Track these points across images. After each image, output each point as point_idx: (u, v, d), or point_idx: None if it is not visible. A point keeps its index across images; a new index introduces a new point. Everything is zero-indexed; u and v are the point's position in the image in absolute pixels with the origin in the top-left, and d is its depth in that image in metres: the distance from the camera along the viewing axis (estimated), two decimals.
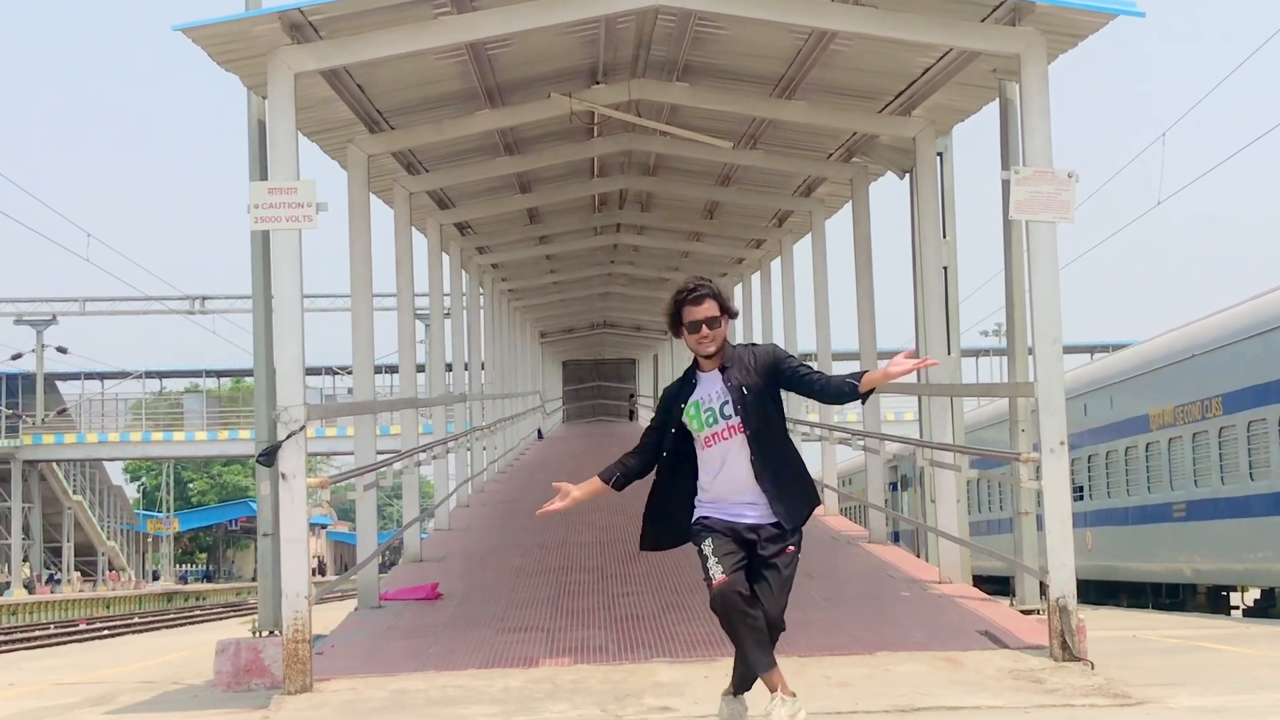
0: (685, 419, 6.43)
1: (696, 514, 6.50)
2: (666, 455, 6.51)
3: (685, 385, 6.51)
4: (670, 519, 6.58)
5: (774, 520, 6.38)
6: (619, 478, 6.58)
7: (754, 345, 6.63)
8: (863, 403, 6.73)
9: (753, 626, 6.30)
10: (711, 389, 6.43)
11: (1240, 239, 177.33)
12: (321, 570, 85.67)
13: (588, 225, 20.64)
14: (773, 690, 6.33)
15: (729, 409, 6.38)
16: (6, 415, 61.03)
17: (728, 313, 6.43)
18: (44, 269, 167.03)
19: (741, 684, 6.53)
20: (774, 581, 6.37)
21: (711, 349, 6.40)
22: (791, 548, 6.42)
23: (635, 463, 6.61)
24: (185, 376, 72.59)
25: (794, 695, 6.33)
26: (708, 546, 6.40)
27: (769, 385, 6.43)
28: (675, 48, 12.03)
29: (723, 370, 6.44)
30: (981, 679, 7.94)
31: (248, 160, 11.16)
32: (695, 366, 6.53)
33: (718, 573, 6.31)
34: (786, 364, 6.48)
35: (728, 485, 6.41)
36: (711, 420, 6.40)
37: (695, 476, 6.50)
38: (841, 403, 6.74)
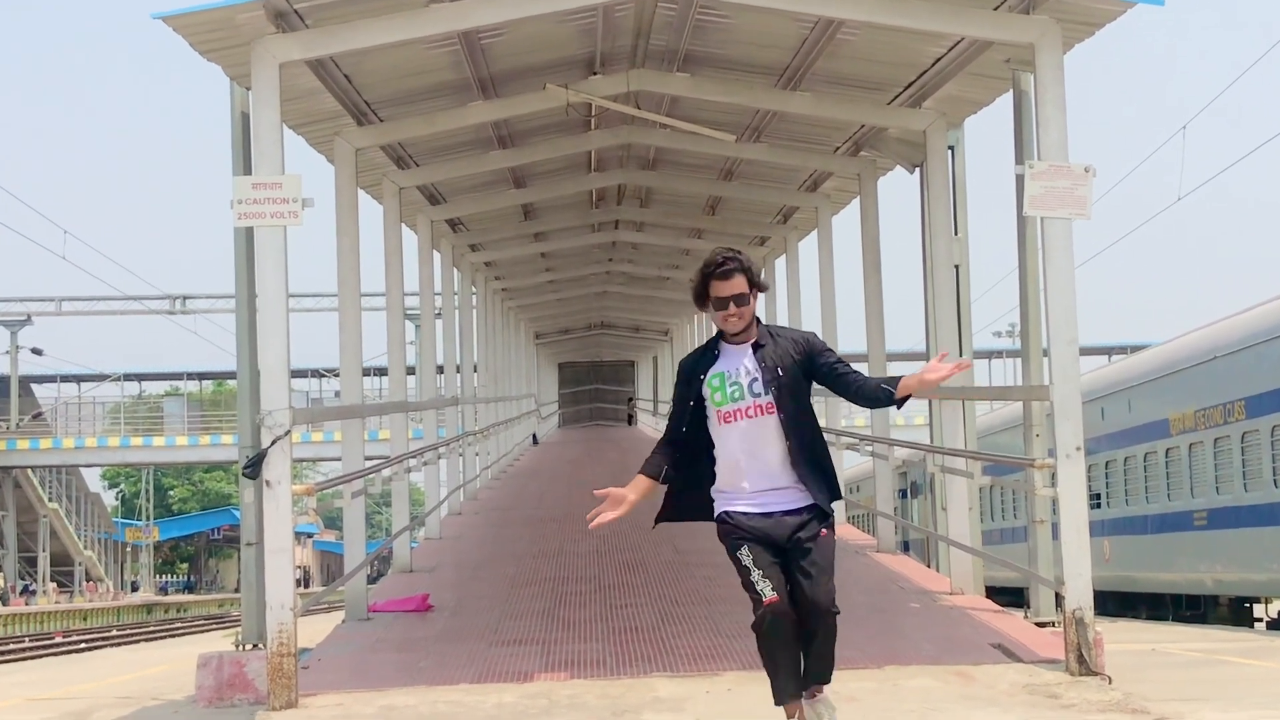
0: (706, 390, 6.31)
1: (721, 508, 6.37)
2: (686, 430, 6.37)
3: (706, 355, 6.40)
4: (691, 492, 6.44)
5: (809, 504, 6.29)
6: (667, 470, 6.42)
7: (786, 328, 6.53)
8: (898, 407, 6.67)
9: (791, 655, 6.27)
10: (739, 363, 6.31)
11: (1266, 236, 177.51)
12: (307, 581, 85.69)
13: (585, 222, 20.67)
14: (790, 717, 6.31)
15: (759, 386, 6.26)
16: None
17: (757, 287, 6.31)
18: (18, 267, 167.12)
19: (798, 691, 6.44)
20: (815, 568, 6.24)
21: (739, 327, 6.30)
22: (825, 530, 6.30)
23: (671, 450, 6.46)
24: (165, 379, 72.72)
25: None
26: (746, 556, 6.28)
27: (804, 371, 6.34)
28: (676, 37, 12.04)
29: (755, 347, 6.33)
30: (994, 694, 7.94)
31: (231, 154, 11.17)
32: (720, 337, 6.41)
33: (767, 590, 6.20)
34: (824, 357, 6.38)
35: (756, 470, 6.29)
36: (737, 395, 6.27)
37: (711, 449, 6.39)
38: (875, 407, 6.70)
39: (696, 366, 6.38)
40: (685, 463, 6.43)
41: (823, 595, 6.23)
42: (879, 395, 6.33)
